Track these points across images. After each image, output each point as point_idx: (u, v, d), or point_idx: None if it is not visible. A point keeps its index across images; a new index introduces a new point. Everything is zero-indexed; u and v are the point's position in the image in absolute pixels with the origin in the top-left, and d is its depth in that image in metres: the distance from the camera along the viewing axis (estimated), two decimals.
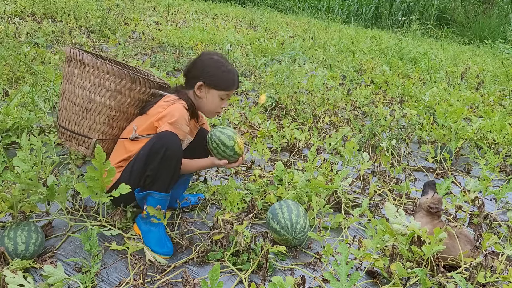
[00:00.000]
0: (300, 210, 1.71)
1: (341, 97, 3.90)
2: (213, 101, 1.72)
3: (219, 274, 1.16)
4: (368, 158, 2.28)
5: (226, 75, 1.71)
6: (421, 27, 10.26)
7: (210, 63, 1.70)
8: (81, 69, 1.63)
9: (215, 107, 1.74)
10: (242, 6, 13.48)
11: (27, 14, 5.62)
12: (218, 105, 1.74)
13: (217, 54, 1.74)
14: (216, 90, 1.70)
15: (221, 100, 1.73)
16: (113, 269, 1.49)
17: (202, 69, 1.69)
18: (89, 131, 1.67)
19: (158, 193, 1.55)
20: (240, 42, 6.14)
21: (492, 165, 2.49)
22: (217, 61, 1.71)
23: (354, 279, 1.15)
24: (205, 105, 1.73)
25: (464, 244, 1.63)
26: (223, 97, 1.73)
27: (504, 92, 4.74)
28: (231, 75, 1.72)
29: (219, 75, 1.70)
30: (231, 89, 1.73)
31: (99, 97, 1.62)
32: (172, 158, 1.52)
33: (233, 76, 1.73)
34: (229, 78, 1.72)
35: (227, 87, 1.72)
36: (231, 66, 1.74)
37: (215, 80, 1.69)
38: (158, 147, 1.51)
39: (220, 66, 1.71)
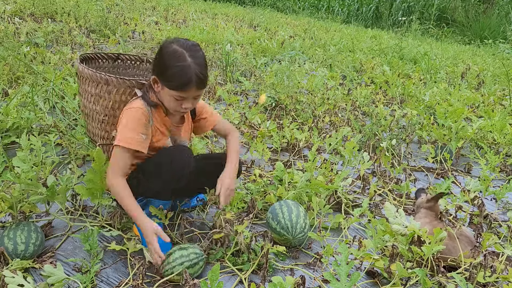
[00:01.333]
0: (300, 210, 1.70)
1: (341, 97, 3.90)
2: (168, 100, 1.44)
3: (219, 274, 1.16)
4: (368, 158, 2.27)
5: (179, 71, 1.37)
6: (421, 27, 10.25)
7: (165, 54, 1.41)
8: (79, 77, 1.68)
9: (172, 106, 1.46)
10: (242, 6, 13.48)
11: (26, 14, 5.62)
12: (175, 106, 1.44)
13: (180, 42, 1.42)
14: (168, 89, 1.41)
15: (177, 100, 1.42)
16: (112, 270, 1.49)
17: (157, 61, 1.44)
18: (94, 136, 1.72)
19: (159, 202, 1.55)
20: (240, 42, 6.14)
21: (492, 165, 2.49)
22: (174, 53, 1.39)
23: (354, 279, 1.15)
24: (164, 103, 1.48)
25: (465, 246, 1.62)
26: (178, 98, 1.41)
27: (505, 92, 4.74)
28: (186, 72, 1.37)
29: (171, 71, 1.38)
30: (184, 89, 1.39)
31: (88, 102, 1.64)
32: (177, 172, 1.47)
33: (189, 73, 1.37)
34: (182, 76, 1.37)
35: (179, 87, 1.39)
36: (195, 60, 1.38)
37: (167, 76, 1.40)
38: (163, 162, 1.47)
39: (175, 59, 1.38)
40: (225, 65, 4.42)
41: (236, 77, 4.33)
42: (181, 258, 1.41)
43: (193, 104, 1.48)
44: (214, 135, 2.85)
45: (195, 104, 1.50)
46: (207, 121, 1.71)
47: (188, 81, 1.38)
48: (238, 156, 1.66)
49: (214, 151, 2.58)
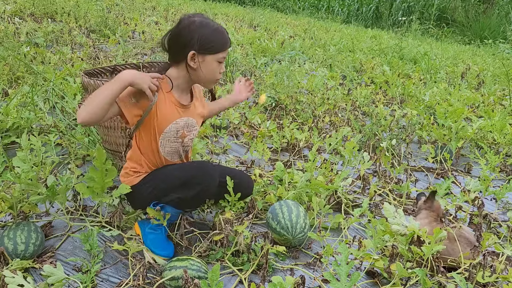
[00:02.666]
0: (300, 210, 1.71)
1: (341, 97, 3.90)
2: (211, 68, 1.51)
3: (219, 274, 1.16)
4: (368, 158, 2.27)
5: (217, 34, 1.49)
6: (421, 27, 10.25)
7: (195, 28, 1.46)
8: (89, 91, 1.78)
9: (213, 74, 1.52)
10: (242, 6, 13.48)
11: (26, 14, 5.62)
12: (217, 70, 1.53)
13: (197, 15, 1.51)
14: (211, 55, 1.48)
15: (219, 64, 1.52)
16: (113, 270, 1.49)
17: (190, 37, 1.46)
18: (117, 147, 1.81)
19: (173, 209, 1.57)
20: (240, 42, 6.14)
21: (492, 165, 2.49)
22: (202, 23, 1.48)
23: (354, 279, 1.15)
24: (203, 76, 1.52)
25: (464, 248, 1.62)
26: (220, 60, 1.52)
27: (505, 92, 4.74)
28: (221, 32, 1.51)
29: (211, 37, 1.47)
30: (226, 48, 1.53)
31: None
32: (204, 196, 1.53)
33: (224, 33, 1.52)
34: (221, 36, 1.50)
35: (222, 47, 1.50)
36: (216, 23, 1.54)
37: (208, 44, 1.47)
38: (195, 183, 1.47)
39: (207, 27, 1.48)
40: (225, 65, 4.42)
41: (236, 77, 4.34)
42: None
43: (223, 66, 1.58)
44: (214, 135, 2.85)
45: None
46: (216, 102, 1.85)
47: (226, 40, 1.51)
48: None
49: (214, 151, 2.59)
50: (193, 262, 1.41)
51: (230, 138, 2.89)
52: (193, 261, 1.41)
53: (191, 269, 1.38)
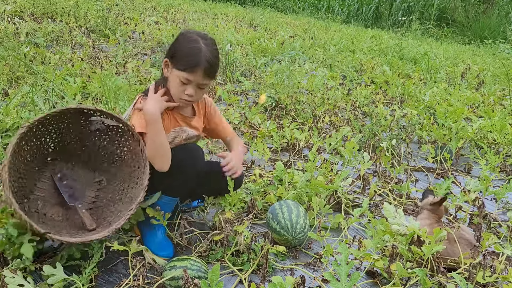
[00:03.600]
0: (300, 210, 1.70)
1: (341, 97, 3.90)
2: (174, 83, 1.45)
3: (219, 274, 1.16)
4: (368, 158, 2.27)
5: (190, 52, 1.40)
6: (421, 27, 10.25)
7: (181, 38, 1.45)
8: None
9: (176, 91, 1.45)
10: (242, 6, 13.47)
11: (26, 14, 5.62)
12: (179, 90, 1.44)
13: (199, 32, 1.47)
14: (176, 70, 1.43)
15: (182, 84, 1.43)
16: (113, 270, 1.49)
17: (172, 44, 1.47)
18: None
19: (166, 197, 1.55)
20: (240, 42, 6.13)
21: (492, 165, 2.49)
22: (189, 37, 1.43)
23: (354, 279, 1.15)
24: (170, 87, 1.48)
25: (465, 249, 1.62)
26: (184, 81, 1.42)
27: (504, 92, 4.73)
28: (197, 54, 1.39)
29: (183, 51, 1.41)
30: (191, 70, 1.40)
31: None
32: (188, 172, 1.51)
33: (199, 56, 1.38)
34: (192, 56, 1.39)
35: (187, 68, 1.40)
36: (208, 47, 1.41)
37: (177, 56, 1.43)
38: (178, 160, 1.48)
39: (189, 42, 1.42)
40: (225, 65, 4.41)
41: (236, 77, 4.33)
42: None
43: (197, 94, 1.48)
44: None
45: (199, 95, 1.50)
46: (224, 129, 1.77)
47: (197, 62, 1.40)
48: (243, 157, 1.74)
49: (214, 151, 2.58)
50: (193, 262, 1.41)
51: None
52: (193, 261, 1.41)
53: (191, 269, 1.38)
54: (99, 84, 2.98)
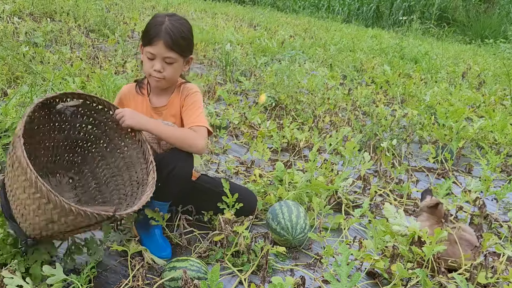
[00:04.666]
0: (300, 210, 1.70)
1: (342, 96, 3.89)
2: (144, 61, 1.49)
3: (219, 275, 1.15)
4: (369, 158, 2.26)
5: (151, 26, 1.44)
6: (422, 26, 10.24)
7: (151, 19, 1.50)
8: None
9: (146, 69, 1.49)
10: (242, 5, 13.47)
11: (25, 13, 5.61)
12: (148, 66, 1.48)
13: (169, 13, 1.50)
14: (144, 47, 1.48)
15: (150, 60, 1.46)
16: (112, 270, 1.48)
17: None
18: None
19: (158, 202, 1.53)
20: (240, 42, 6.12)
21: (493, 165, 2.48)
22: (157, 15, 1.48)
23: (354, 280, 1.14)
24: (143, 68, 1.53)
25: (465, 250, 1.61)
26: (149, 56, 1.45)
27: (505, 92, 4.72)
28: (157, 26, 1.42)
29: (147, 28, 1.46)
30: (152, 42, 1.42)
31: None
32: (178, 178, 1.48)
33: (159, 28, 1.42)
34: (152, 29, 1.43)
35: (149, 41, 1.44)
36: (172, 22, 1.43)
37: (143, 34, 1.47)
38: (166, 165, 1.46)
39: (153, 19, 1.47)
40: (225, 65, 4.41)
41: (236, 77, 4.32)
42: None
43: (166, 69, 1.47)
44: (214, 135, 2.84)
45: (169, 72, 1.47)
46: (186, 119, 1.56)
47: (156, 33, 1.42)
48: (169, 133, 1.46)
49: (214, 151, 2.58)
50: (193, 262, 1.41)
51: (230, 138, 2.88)
52: (193, 262, 1.41)
53: (191, 270, 1.37)
54: (98, 84, 2.97)
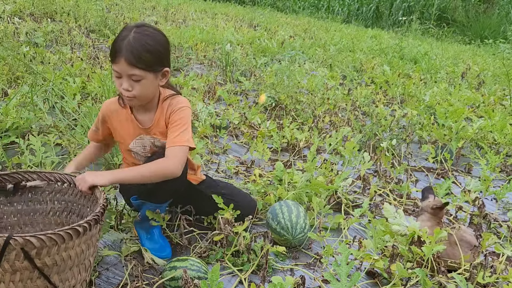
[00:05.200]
0: (300, 210, 1.70)
1: (342, 97, 3.90)
2: (114, 78, 1.39)
3: (219, 274, 1.15)
4: (369, 158, 2.27)
5: (114, 42, 1.34)
6: (421, 26, 10.25)
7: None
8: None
9: (116, 87, 1.40)
10: (242, 6, 13.47)
11: (26, 13, 5.61)
12: (117, 85, 1.38)
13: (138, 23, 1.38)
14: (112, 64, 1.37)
15: (117, 78, 1.36)
16: (112, 270, 1.48)
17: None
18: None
19: (153, 204, 1.52)
20: (240, 42, 6.13)
21: (492, 165, 2.48)
22: (125, 28, 1.36)
23: (354, 280, 1.15)
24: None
25: (466, 252, 1.61)
26: (115, 74, 1.36)
27: (505, 92, 4.73)
28: (119, 42, 1.31)
29: (113, 43, 1.36)
30: (115, 60, 1.32)
31: None
32: (172, 179, 1.43)
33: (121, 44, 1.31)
34: (114, 46, 1.33)
35: (112, 58, 1.34)
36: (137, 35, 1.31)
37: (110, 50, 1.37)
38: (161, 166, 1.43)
39: (120, 32, 1.35)
40: (225, 65, 4.41)
41: (236, 77, 4.33)
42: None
43: (134, 88, 1.34)
44: (214, 135, 2.85)
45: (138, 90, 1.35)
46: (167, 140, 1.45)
47: (117, 50, 1.30)
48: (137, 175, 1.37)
49: (214, 151, 2.58)
50: (193, 262, 1.41)
51: (230, 138, 2.88)
52: (193, 262, 1.41)
53: (191, 270, 1.38)
54: (98, 84, 2.98)
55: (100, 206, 1.20)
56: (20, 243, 1.00)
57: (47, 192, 1.43)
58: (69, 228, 1.07)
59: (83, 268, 1.18)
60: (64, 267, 1.10)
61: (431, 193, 1.82)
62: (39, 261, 1.04)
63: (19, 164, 2.00)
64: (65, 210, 1.45)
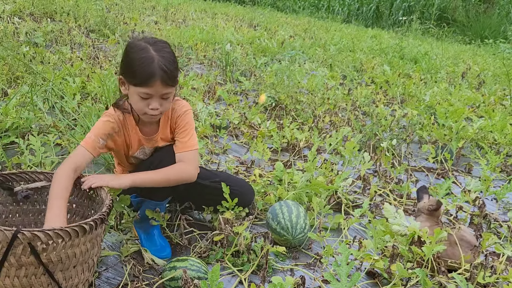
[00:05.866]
0: (300, 210, 1.70)
1: (342, 97, 3.89)
2: (134, 100, 1.34)
3: (219, 274, 1.15)
4: (369, 158, 2.27)
5: (141, 64, 1.28)
6: (421, 26, 10.25)
7: (129, 50, 1.33)
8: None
9: (140, 108, 1.35)
10: (242, 6, 13.47)
11: (26, 13, 5.61)
12: (142, 105, 1.33)
13: (146, 39, 1.34)
14: (133, 86, 1.32)
15: (143, 99, 1.32)
16: (112, 271, 1.48)
17: (122, 59, 1.36)
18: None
19: (153, 202, 1.52)
20: (240, 42, 6.13)
21: (493, 165, 2.48)
22: (137, 46, 1.31)
23: (354, 280, 1.15)
24: (133, 106, 1.38)
25: (466, 252, 1.61)
26: (144, 96, 1.31)
27: (505, 92, 4.73)
28: (149, 64, 1.27)
29: (135, 65, 1.29)
30: (148, 83, 1.28)
31: None
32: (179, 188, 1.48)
33: (152, 66, 1.27)
34: (145, 68, 1.27)
35: (143, 82, 1.29)
36: (160, 53, 1.30)
37: (131, 72, 1.31)
38: (163, 160, 1.46)
39: (138, 53, 1.30)
40: (225, 65, 4.41)
41: (236, 77, 4.33)
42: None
43: (163, 105, 1.35)
44: (214, 135, 2.84)
45: (165, 106, 1.37)
46: (177, 144, 1.49)
47: (152, 74, 1.28)
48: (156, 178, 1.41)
49: (214, 151, 2.58)
50: (193, 262, 1.41)
51: (230, 138, 2.88)
52: (193, 262, 1.41)
53: (191, 270, 1.38)
54: (98, 84, 2.97)
55: (107, 206, 1.20)
56: (28, 238, 1.01)
57: None
58: (75, 225, 1.08)
59: (86, 267, 1.18)
60: (68, 265, 1.11)
61: (425, 193, 1.81)
62: (44, 257, 1.05)
63: (19, 164, 1.99)
64: (69, 212, 1.45)
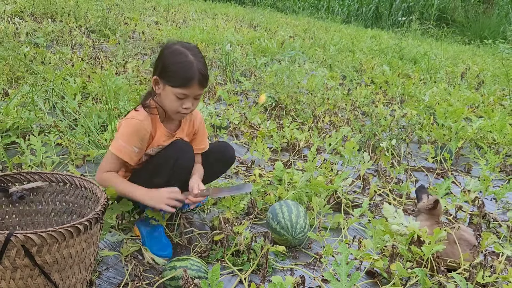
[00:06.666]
0: (300, 210, 1.71)
1: (341, 97, 3.90)
2: (170, 100, 1.44)
3: (219, 274, 1.16)
4: (368, 158, 2.27)
5: (182, 67, 1.39)
6: (421, 27, 10.26)
7: (167, 53, 1.44)
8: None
9: (173, 107, 1.45)
10: (242, 6, 13.48)
11: (27, 14, 5.62)
12: (176, 105, 1.44)
13: (182, 43, 1.45)
14: (171, 87, 1.41)
15: (179, 99, 1.43)
16: (112, 270, 1.49)
17: (159, 61, 1.45)
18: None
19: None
20: (240, 42, 6.14)
21: (492, 165, 2.49)
22: (176, 51, 1.42)
23: (354, 279, 1.15)
24: (165, 105, 1.47)
25: (465, 250, 1.62)
26: (181, 96, 1.42)
27: (504, 92, 4.74)
28: (190, 67, 1.39)
29: (175, 68, 1.40)
30: (187, 85, 1.40)
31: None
32: (182, 169, 1.51)
33: (192, 69, 1.39)
34: (186, 71, 1.39)
35: (183, 83, 1.40)
36: (197, 58, 1.42)
37: (169, 73, 1.41)
38: (168, 157, 1.49)
39: (177, 57, 1.41)
40: (225, 65, 4.42)
41: (236, 77, 4.34)
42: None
43: (194, 104, 1.48)
44: (214, 135, 2.85)
45: (195, 105, 1.50)
46: (199, 143, 1.69)
47: (191, 76, 1.40)
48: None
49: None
50: (193, 262, 1.41)
51: (230, 138, 2.89)
52: (193, 261, 1.41)
53: (191, 269, 1.38)
54: (99, 84, 2.98)
55: (101, 205, 1.21)
56: (21, 240, 1.01)
57: (49, 193, 1.43)
58: (69, 225, 1.07)
59: (83, 267, 1.18)
60: (64, 265, 1.11)
61: (424, 192, 1.82)
62: (39, 259, 1.05)
63: (20, 164, 2.00)
64: (66, 211, 1.45)
